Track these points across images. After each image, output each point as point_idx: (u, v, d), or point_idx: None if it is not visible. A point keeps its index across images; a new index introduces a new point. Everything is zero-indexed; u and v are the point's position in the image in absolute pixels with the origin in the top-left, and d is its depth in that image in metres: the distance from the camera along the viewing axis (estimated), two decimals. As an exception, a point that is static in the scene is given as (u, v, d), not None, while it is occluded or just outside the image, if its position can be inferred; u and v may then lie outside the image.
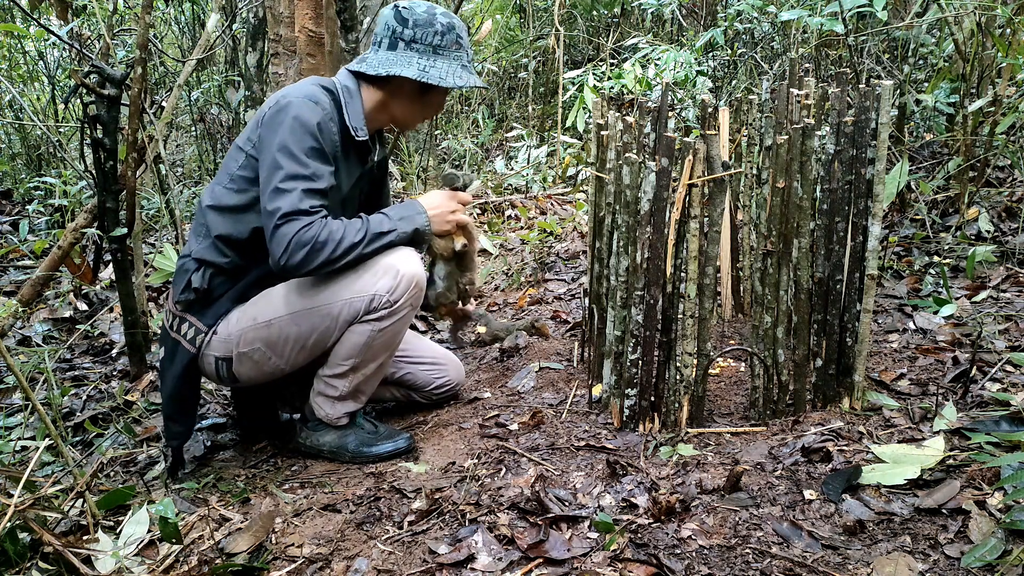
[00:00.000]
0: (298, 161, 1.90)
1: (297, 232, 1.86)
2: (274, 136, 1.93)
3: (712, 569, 1.46)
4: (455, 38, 2.06)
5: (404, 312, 2.00)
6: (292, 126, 1.92)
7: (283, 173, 1.89)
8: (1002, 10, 2.85)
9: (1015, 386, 1.94)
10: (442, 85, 2.03)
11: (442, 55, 2.05)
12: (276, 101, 1.97)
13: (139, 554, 1.72)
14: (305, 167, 1.91)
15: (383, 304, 1.97)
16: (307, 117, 1.92)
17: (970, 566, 1.38)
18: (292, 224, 1.87)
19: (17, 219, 4.70)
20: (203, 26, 5.09)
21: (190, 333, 2.04)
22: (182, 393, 2.07)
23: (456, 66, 2.07)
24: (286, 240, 1.87)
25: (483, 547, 1.58)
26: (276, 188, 1.89)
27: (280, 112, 1.94)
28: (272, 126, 1.94)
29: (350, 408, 2.12)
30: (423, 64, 2.03)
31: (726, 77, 4.70)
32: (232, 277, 2.05)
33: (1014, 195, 3.19)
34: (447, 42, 2.05)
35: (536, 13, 6.46)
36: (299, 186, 1.89)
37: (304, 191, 1.89)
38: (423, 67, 2.03)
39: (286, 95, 1.98)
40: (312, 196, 1.90)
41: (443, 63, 2.05)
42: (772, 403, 1.97)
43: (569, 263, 3.56)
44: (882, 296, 2.63)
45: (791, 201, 1.85)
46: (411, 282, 1.98)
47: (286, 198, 1.88)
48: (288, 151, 1.90)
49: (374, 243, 1.96)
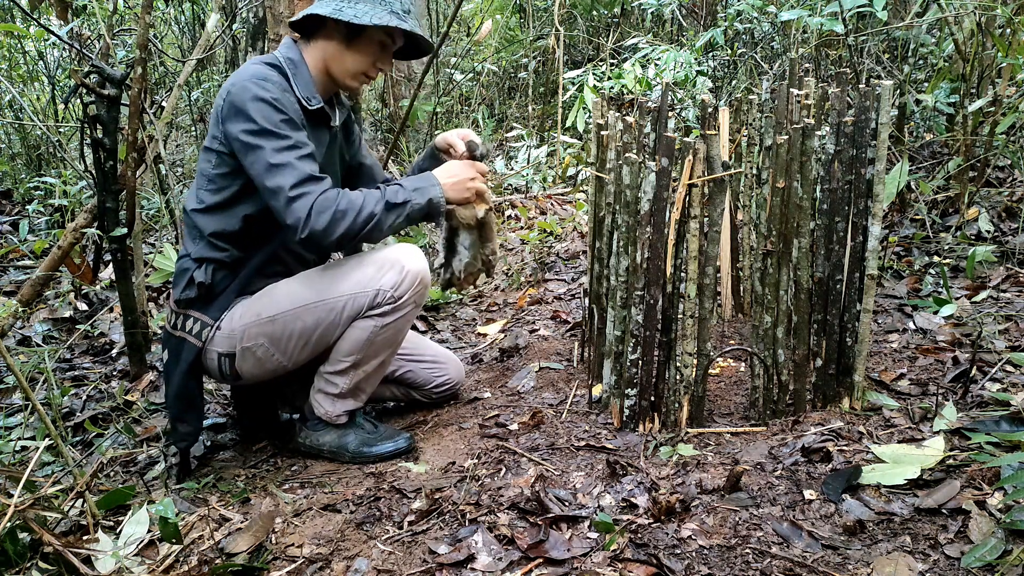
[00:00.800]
0: (276, 136, 1.87)
1: (315, 200, 1.84)
2: (240, 124, 1.88)
3: (712, 569, 1.46)
4: None
5: (408, 309, 2.00)
6: (253, 108, 1.88)
7: (269, 150, 1.85)
8: (1002, 10, 2.85)
9: (1015, 386, 1.94)
10: (354, 22, 1.93)
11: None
12: (227, 92, 1.92)
13: (139, 554, 1.72)
14: (286, 138, 1.87)
15: (387, 299, 1.97)
16: (263, 94, 1.88)
17: (970, 566, 1.38)
18: (306, 194, 1.84)
19: (17, 219, 4.70)
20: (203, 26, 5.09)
21: (195, 328, 2.03)
22: (189, 391, 2.07)
23: (379, 9, 1.95)
24: (305, 209, 1.83)
25: (483, 547, 1.58)
26: (270, 166, 1.85)
27: (235, 101, 1.90)
28: (233, 117, 1.90)
29: (350, 406, 2.12)
30: (342, 3, 1.95)
31: (726, 77, 4.70)
32: (233, 270, 2.05)
33: (1014, 195, 3.19)
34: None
35: (536, 13, 6.46)
36: (291, 156, 1.86)
37: (299, 158, 1.87)
38: (339, 6, 1.94)
39: (234, 83, 1.92)
40: (310, 161, 1.88)
41: (364, 4, 1.95)
42: (772, 403, 1.97)
43: (569, 263, 3.56)
44: (882, 296, 2.63)
45: (791, 201, 1.85)
46: (416, 278, 1.98)
47: (286, 172, 1.84)
48: (262, 130, 1.87)
49: (392, 213, 1.91)
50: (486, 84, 6.43)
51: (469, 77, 6.19)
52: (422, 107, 5.34)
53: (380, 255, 2.02)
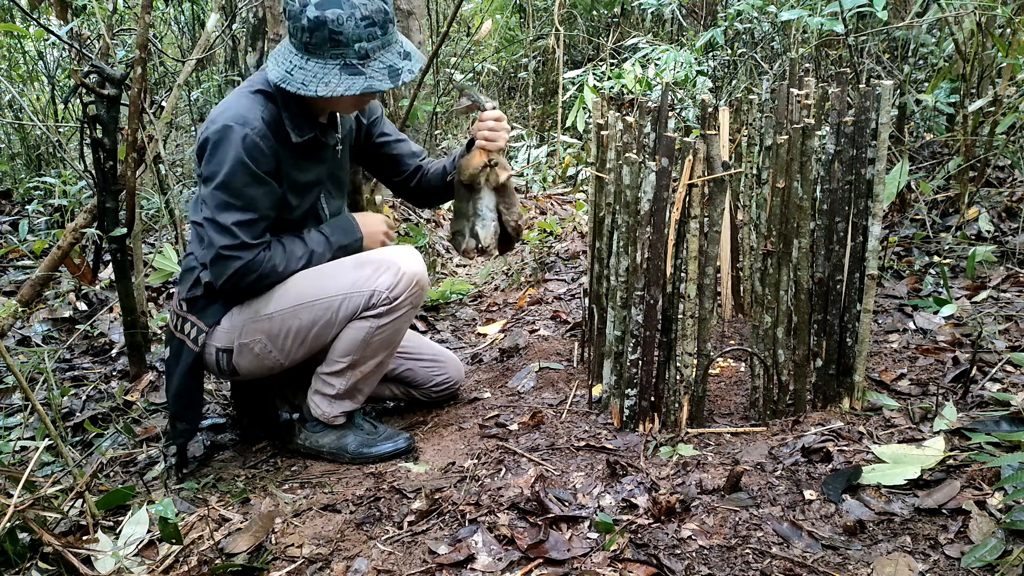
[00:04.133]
0: (231, 193, 1.88)
1: (240, 267, 1.92)
2: (207, 168, 1.90)
3: (712, 569, 1.46)
4: (326, 36, 1.81)
5: (404, 310, 2.00)
6: (220, 159, 1.88)
7: (219, 205, 1.89)
8: (1002, 10, 2.85)
9: (1015, 386, 1.94)
10: (299, 93, 1.86)
11: (315, 55, 1.85)
12: (208, 126, 1.91)
13: (139, 554, 1.72)
14: (238, 198, 1.89)
15: (383, 301, 1.97)
16: (234, 146, 1.87)
17: (970, 566, 1.38)
18: (233, 259, 1.91)
19: (17, 219, 4.69)
20: (203, 26, 5.09)
21: (192, 332, 2.05)
22: (188, 391, 2.09)
23: (332, 68, 1.85)
24: (228, 272, 1.91)
25: (483, 547, 1.58)
26: (212, 220, 1.89)
27: (209, 143, 1.89)
28: (205, 158, 1.91)
29: (347, 407, 2.12)
30: (292, 64, 1.87)
31: (726, 77, 4.70)
32: None
33: (1014, 195, 3.19)
34: (317, 40, 1.82)
35: (536, 13, 6.46)
36: (234, 219, 1.89)
37: (242, 223, 1.89)
38: (290, 68, 1.87)
39: (215, 119, 1.90)
40: (249, 227, 1.91)
41: (314, 65, 1.85)
42: (772, 403, 1.97)
43: (569, 263, 3.56)
44: (882, 296, 2.63)
45: (791, 201, 1.85)
46: (412, 280, 1.98)
47: (224, 233, 1.89)
48: (221, 184, 1.88)
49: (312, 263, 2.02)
50: (486, 84, 6.43)
51: (469, 77, 6.19)
52: (422, 107, 5.33)
53: (379, 255, 2.02)
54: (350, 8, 1.81)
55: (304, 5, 1.81)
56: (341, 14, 1.81)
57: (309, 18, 1.81)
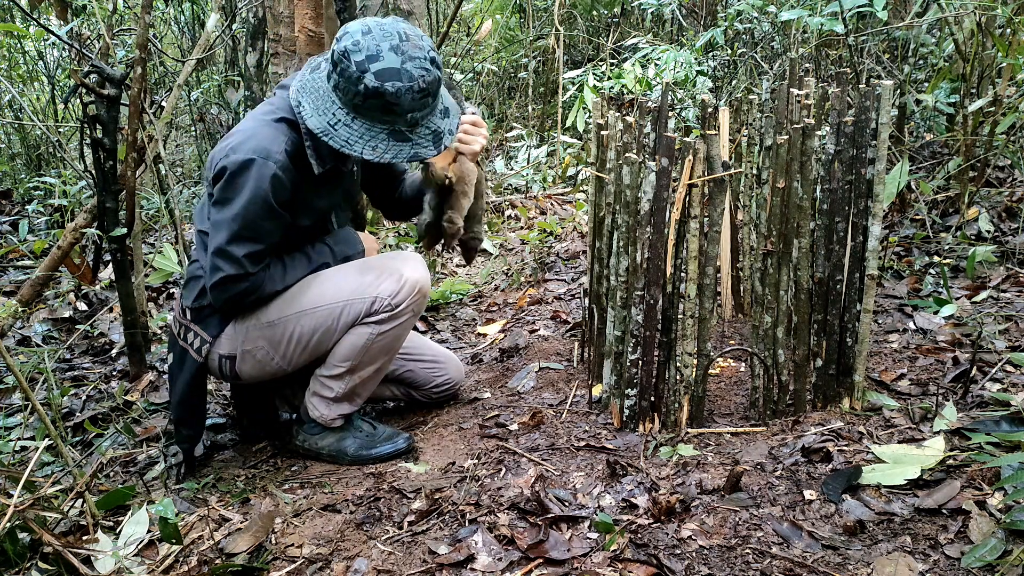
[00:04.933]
0: (245, 224, 1.88)
1: (238, 293, 1.93)
2: (223, 194, 1.89)
3: (712, 569, 1.46)
4: (380, 105, 1.79)
5: (406, 317, 2.00)
6: (239, 190, 1.86)
7: (229, 233, 1.88)
8: (1002, 10, 2.85)
9: (1015, 386, 1.94)
10: (342, 151, 1.85)
11: (364, 116, 1.84)
12: (226, 155, 1.88)
13: (139, 554, 1.73)
14: (251, 231, 1.89)
15: (384, 307, 1.97)
16: (254, 180, 1.85)
17: (970, 566, 1.38)
18: (234, 286, 1.92)
19: (17, 219, 4.69)
20: (203, 26, 5.09)
21: (196, 343, 2.05)
22: (191, 398, 2.09)
23: (379, 132, 1.84)
24: (226, 297, 1.94)
25: (483, 547, 1.58)
26: (223, 251, 1.89)
27: (227, 172, 1.87)
28: (222, 185, 1.89)
29: (345, 410, 2.12)
30: (337, 118, 1.85)
31: (726, 77, 4.70)
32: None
33: (1014, 195, 3.19)
34: (371, 106, 1.81)
35: (536, 13, 6.46)
36: (244, 251, 1.90)
37: (249, 255, 1.91)
38: (334, 122, 1.84)
39: (236, 148, 1.87)
40: (258, 258, 1.93)
41: (361, 125, 1.84)
42: (772, 403, 1.97)
43: (569, 263, 3.56)
44: (882, 296, 2.63)
45: (791, 201, 1.85)
46: (414, 287, 1.98)
47: (231, 262, 1.90)
48: (238, 216, 1.87)
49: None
50: (486, 84, 6.43)
51: (469, 77, 6.19)
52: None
53: (381, 262, 2.02)
54: (409, 81, 1.78)
55: (363, 71, 1.76)
56: (400, 87, 1.77)
57: (367, 86, 1.77)
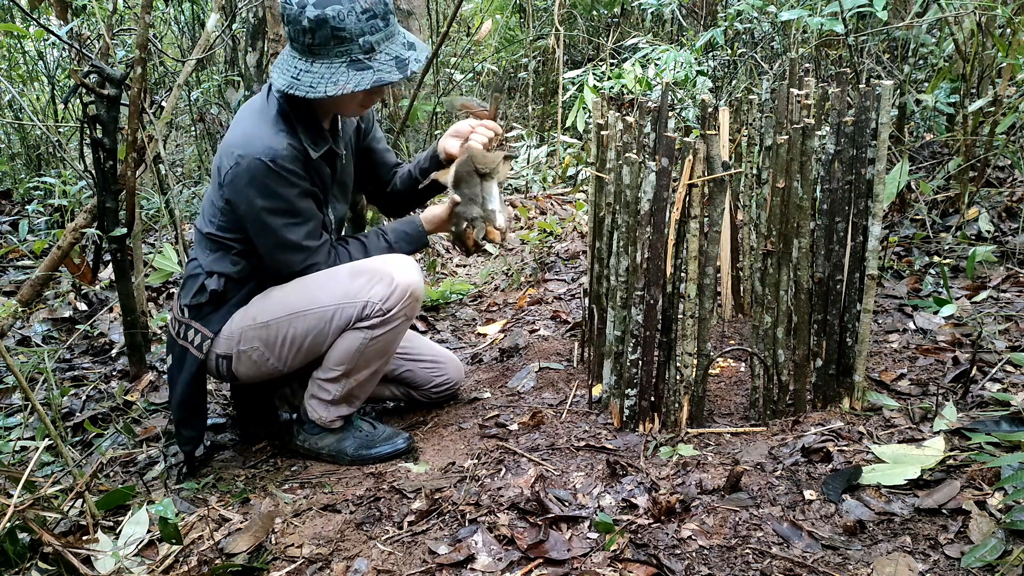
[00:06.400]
0: (287, 213, 1.92)
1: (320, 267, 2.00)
2: (246, 199, 1.89)
3: (712, 569, 1.46)
4: (328, 33, 1.80)
5: (398, 322, 1.99)
6: (263, 189, 1.88)
7: (280, 230, 1.93)
8: (1002, 10, 2.85)
9: (1015, 386, 1.94)
10: (308, 96, 1.84)
11: (320, 55, 1.83)
12: (235, 161, 1.88)
13: (139, 554, 1.72)
14: (295, 215, 1.94)
15: (376, 312, 1.96)
16: (278, 176, 1.87)
17: (970, 566, 1.38)
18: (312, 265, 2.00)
19: (17, 219, 4.69)
20: (203, 26, 5.09)
21: (196, 340, 2.05)
22: (192, 399, 2.09)
23: (338, 67, 1.83)
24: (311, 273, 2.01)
25: (483, 547, 1.58)
26: (279, 245, 1.95)
27: (242, 175, 1.87)
28: (240, 189, 1.89)
29: (344, 412, 2.12)
30: (298, 68, 1.85)
31: (726, 77, 4.70)
32: (240, 283, 2.06)
33: (1014, 195, 3.19)
34: (320, 39, 1.81)
35: (536, 13, 6.46)
36: (300, 234, 1.95)
37: (307, 235, 1.96)
38: (296, 73, 1.85)
39: (244, 153, 1.87)
40: (314, 235, 1.98)
41: (320, 66, 1.84)
42: (772, 403, 1.97)
43: (569, 263, 3.56)
44: (882, 296, 2.63)
45: (791, 201, 1.85)
46: (405, 292, 1.97)
47: (295, 252, 1.97)
48: (271, 209, 1.90)
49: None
50: (486, 84, 6.43)
51: (469, 77, 6.19)
52: (422, 107, 5.33)
53: (373, 265, 2.00)
54: (349, 3, 1.80)
55: (303, 6, 1.79)
56: (341, 9, 1.79)
57: (309, 18, 1.79)
